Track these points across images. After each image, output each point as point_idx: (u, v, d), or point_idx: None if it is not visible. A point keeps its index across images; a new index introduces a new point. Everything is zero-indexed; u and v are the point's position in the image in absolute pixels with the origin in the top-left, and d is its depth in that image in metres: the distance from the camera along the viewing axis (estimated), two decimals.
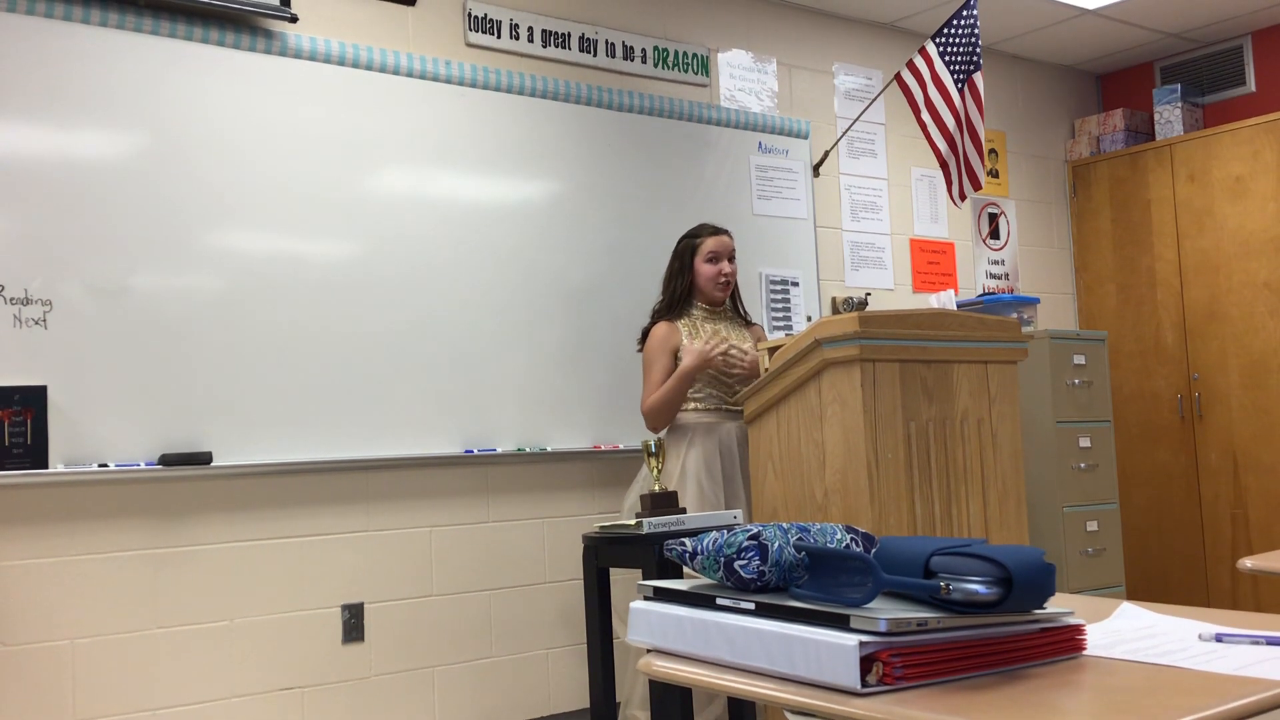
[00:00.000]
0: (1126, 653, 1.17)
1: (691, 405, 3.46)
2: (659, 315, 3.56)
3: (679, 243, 3.60)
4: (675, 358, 3.45)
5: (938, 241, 5.27)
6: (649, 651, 1.31)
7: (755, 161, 4.56)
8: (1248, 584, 5.14)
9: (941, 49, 4.15)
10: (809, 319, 4.59)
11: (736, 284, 3.61)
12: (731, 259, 3.55)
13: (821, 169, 4.79)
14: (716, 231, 3.57)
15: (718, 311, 3.58)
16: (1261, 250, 5.18)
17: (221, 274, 3.32)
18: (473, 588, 3.75)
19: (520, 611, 3.84)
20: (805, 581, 1.21)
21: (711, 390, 3.46)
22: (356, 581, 3.52)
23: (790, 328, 4.55)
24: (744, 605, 1.22)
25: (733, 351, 3.46)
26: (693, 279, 3.54)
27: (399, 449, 3.58)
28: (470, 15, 3.92)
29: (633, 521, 3.07)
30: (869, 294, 4.89)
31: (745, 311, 3.68)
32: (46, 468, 2.99)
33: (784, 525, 1.31)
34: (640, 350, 3.56)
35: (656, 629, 1.30)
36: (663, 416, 3.45)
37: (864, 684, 1.03)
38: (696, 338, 3.47)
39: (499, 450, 3.77)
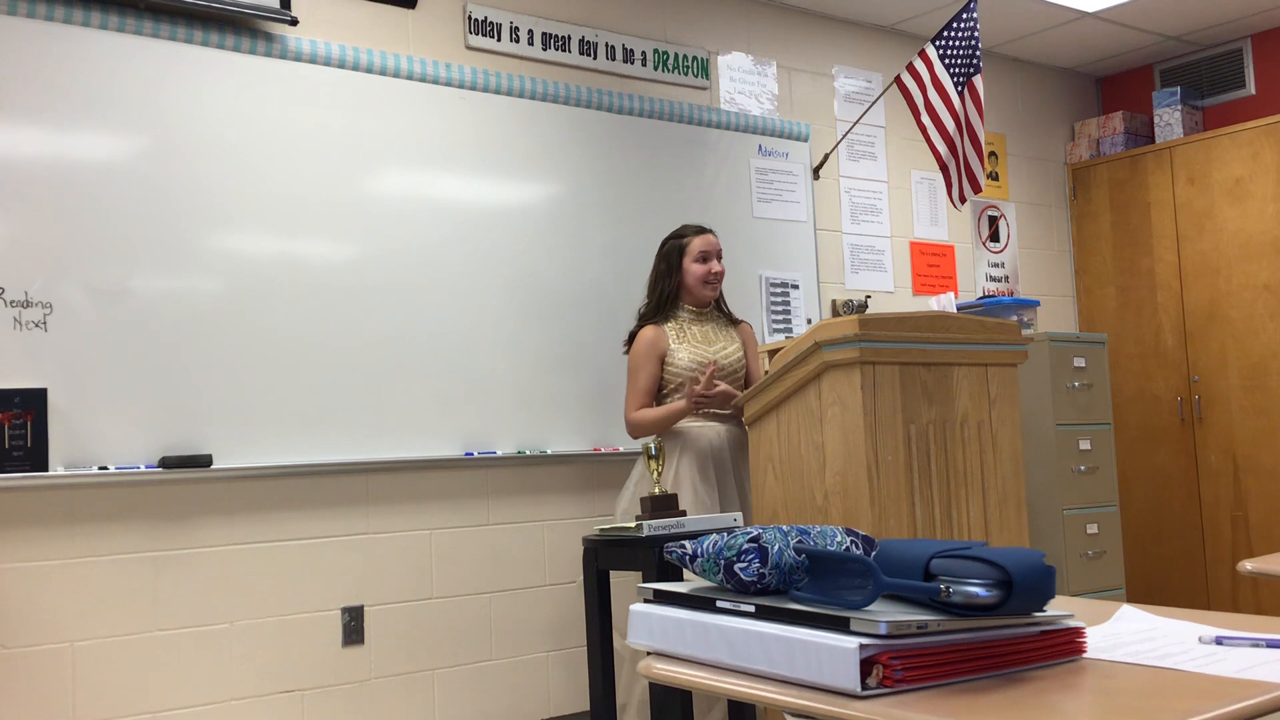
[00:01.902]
0: (1127, 655, 1.17)
1: None
2: (645, 319, 3.54)
3: (664, 245, 3.57)
4: (662, 363, 3.45)
5: (938, 244, 5.27)
6: (649, 654, 1.31)
7: (755, 164, 4.56)
8: (1248, 586, 5.13)
9: (941, 52, 4.16)
10: (809, 321, 4.59)
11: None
12: (719, 257, 3.54)
13: (821, 172, 4.79)
14: (702, 231, 3.55)
15: (704, 313, 3.55)
16: (1261, 253, 5.18)
17: (221, 277, 3.32)
18: (473, 590, 3.74)
19: (520, 614, 3.84)
20: (805, 584, 1.21)
21: None
22: (356, 584, 3.52)
23: (790, 330, 4.55)
24: (744, 608, 1.21)
25: (717, 343, 3.47)
26: (681, 280, 3.52)
27: (399, 451, 3.58)
28: (470, 18, 3.93)
29: (632, 524, 3.07)
30: (869, 296, 4.89)
31: (729, 311, 3.65)
32: (46, 470, 2.99)
33: (784, 528, 1.31)
34: (626, 353, 3.55)
35: (656, 631, 1.30)
36: (644, 434, 3.45)
37: (864, 686, 1.03)
38: (684, 341, 3.46)
39: (499, 453, 3.77)
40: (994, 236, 5.52)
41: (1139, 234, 5.61)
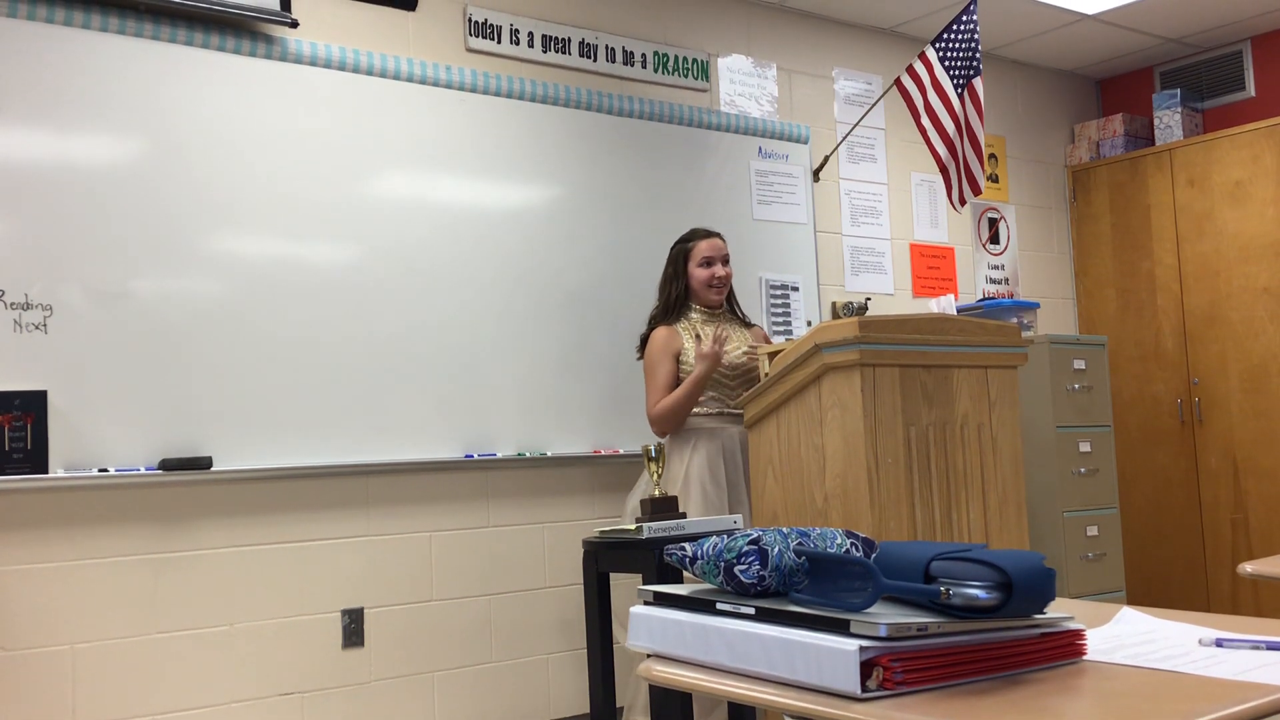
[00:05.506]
0: (1127, 658, 1.17)
1: (695, 409, 3.46)
2: (656, 321, 3.56)
3: (672, 248, 3.61)
4: (678, 361, 3.46)
5: (938, 246, 5.27)
6: (649, 656, 1.31)
7: (755, 166, 4.56)
8: (1248, 589, 5.13)
9: (941, 54, 4.16)
10: (809, 324, 4.59)
11: (732, 287, 3.62)
12: (725, 262, 3.56)
13: (821, 174, 4.79)
14: (708, 235, 3.59)
15: (716, 314, 3.58)
16: (1261, 255, 5.18)
17: (222, 279, 3.32)
18: (473, 592, 3.74)
19: (520, 616, 3.84)
20: (805, 586, 1.21)
21: (714, 394, 3.46)
22: (356, 586, 3.52)
23: (790, 333, 4.55)
24: (744, 610, 1.21)
25: (730, 342, 3.48)
26: (687, 283, 3.55)
27: (399, 454, 3.57)
28: (470, 20, 3.93)
29: (633, 526, 3.07)
30: (869, 299, 4.89)
31: (743, 314, 3.69)
32: (47, 472, 2.99)
33: (784, 530, 1.31)
34: (640, 359, 3.56)
35: (657, 634, 1.30)
36: (673, 422, 3.45)
37: (864, 689, 1.03)
38: (696, 341, 3.47)
39: (499, 455, 3.77)
40: (994, 239, 5.52)
41: (1139, 236, 5.61)
